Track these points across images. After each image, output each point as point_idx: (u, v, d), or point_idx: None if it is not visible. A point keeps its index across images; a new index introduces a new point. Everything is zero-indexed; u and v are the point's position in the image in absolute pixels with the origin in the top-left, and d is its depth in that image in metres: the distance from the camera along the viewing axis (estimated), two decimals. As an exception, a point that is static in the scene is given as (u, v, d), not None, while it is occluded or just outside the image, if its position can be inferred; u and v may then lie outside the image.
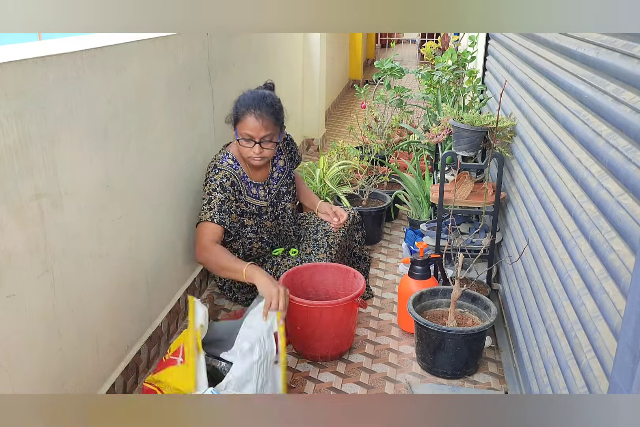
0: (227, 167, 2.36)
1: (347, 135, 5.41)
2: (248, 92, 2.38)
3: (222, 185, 2.31)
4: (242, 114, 2.31)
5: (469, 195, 2.51)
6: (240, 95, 2.38)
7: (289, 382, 2.09)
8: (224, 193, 2.31)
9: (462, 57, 3.64)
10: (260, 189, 2.46)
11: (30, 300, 1.43)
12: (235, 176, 2.36)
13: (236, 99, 2.38)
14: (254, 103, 2.30)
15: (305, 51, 4.91)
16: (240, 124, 2.31)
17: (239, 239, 2.45)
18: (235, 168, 2.38)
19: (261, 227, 2.48)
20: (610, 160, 1.31)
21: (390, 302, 2.64)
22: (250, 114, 2.29)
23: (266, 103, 2.32)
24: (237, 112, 2.33)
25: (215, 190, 2.31)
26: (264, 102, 2.32)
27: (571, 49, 1.75)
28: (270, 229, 2.51)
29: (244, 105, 2.31)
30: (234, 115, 2.35)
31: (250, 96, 2.34)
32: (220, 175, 2.33)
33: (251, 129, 2.28)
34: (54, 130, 1.49)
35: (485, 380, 2.10)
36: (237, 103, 2.35)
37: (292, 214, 2.61)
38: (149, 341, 2.10)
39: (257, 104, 2.30)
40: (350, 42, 8.34)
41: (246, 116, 2.29)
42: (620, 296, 1.16)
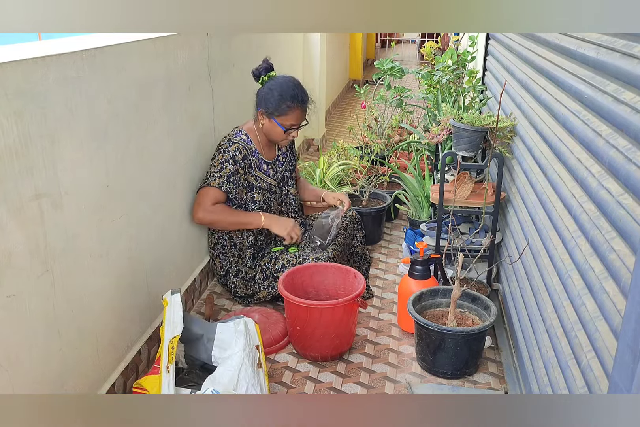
0: (240, 141, 2.47)
1: (347, 135, 5.41)
2: (279, 79, 2.46)
3: (235, 158, 2.43)
4: (288, 109, 2.41)
5: (469, 196, 2.51)
6: (273, 84, 2.43)
7: (289, 382, 2.09)
8: (234, 165, 2.43)
9: (462, 57, 3.64)
10: (270, 167, 2.59)
11: (30, 300, 1.43)
12: (247, 150, 2.48)
13: (269, 88, 2.42)
14: (299, 97, 2.42)
15: (305, 51, 4.91)
16: (287, 116, 2.42)
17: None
18: (248, 143, 2.50)
19: (269, 205, 2.59)
20: (611, 160, 1.31)
21: (390, 302, 2.64)
22: (298, 107, 2.42)
23: (305, 92, 2.45)
24: (281, 106, 2.40)
25: (228, 161, 2.42)
26: (305, 95, 2.45)
27: (571, 49, 1.75)
28: (276, 211, 2.64)
29: (290, 99, 2.40)
30: (273, 106, 2.41)
31: (291, 87, 2.42)
32: (234, 147, 2.44)
33: (298, 119, 2.45)
34: (54, 130, 1.49)
35: (485, 380, 2.10)
36: (274, 93, 2.40)
37: (295, 201, 2.76)
38: (149, 341, 2.10)
39: (302, 96, 2.43)
40: (350, 42, 8.34)
41: (294, 110, 2.42)
42: (621, 296, 1.16)
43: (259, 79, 2.49)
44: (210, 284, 2.77)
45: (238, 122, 3.10)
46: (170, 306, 1.80)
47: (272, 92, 2.41)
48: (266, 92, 2.44)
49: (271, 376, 2.12)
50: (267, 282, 2.48)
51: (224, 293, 2.68)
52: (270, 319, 2.34)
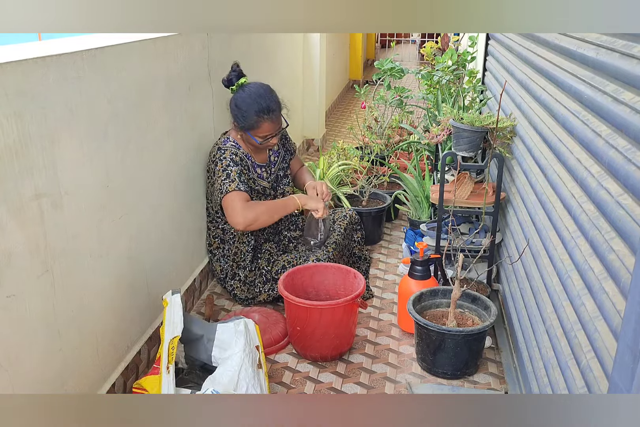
0: (230, 147, 2.42)
1: (347, 135, 5.41)
2: (243, 93, 2.36)
3: (234, 160, 2.38)
4: (258, 122, 2.32)
5: (469, 196, 2.51)
6: (238, 99, 2.36)
7: (289, 383, 2.09)
8: (237, 166, 2.37)
9: (462, 58, 3.64)
10: (263, 170, 2.55)
11: (30, 300, 1.43)
12: (239, 154, 2.43)
13: (235, 105, 2.36)
14: (265, 107, 2.32)
15: (305, 51, 4.90)
16: (259, 129, 2.35)
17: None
18: (239, 148, 2.46)
19: None
20: (610, 161, 1.31)
21: (390, 303, 2.64)
22: (267, 119, 2.33)
23: (273, 100, 2.35)
24: (250, 121, 2.33)
25: (230, 165, 2.37)
26: (272, 102, 2.34)
27: (571, 49, 1.75)
28: None
29: (257, 112, 2.31)
30: (244, 124, 2.34)
31: (256, 99, 2.33)
32: (228, 153, 2.39)
33: (270, 129, 2.36)
34: (54, 131, 1.49)
35: (485, 380, 2.10)
36: (242, 110, 2.33)
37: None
38: (149, 341, 2.10)
39: (268, 106, 2.32)
40: (350, 42, 8.34)
41: (264, 122, 2.33)
42: (620, 296, 1.16)
43: (229, 87, 2.43)
44: (210, 285, 2.77)
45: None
46: (170, 306, 1.80)
47: (239, 108, 2.35)
48: (233, 109, 2.38)
49: (271, 376, 2.12)
50: (268, 285, 2.48)
51: (224, 293, 2.68)
52: (270, 319, 2.34)
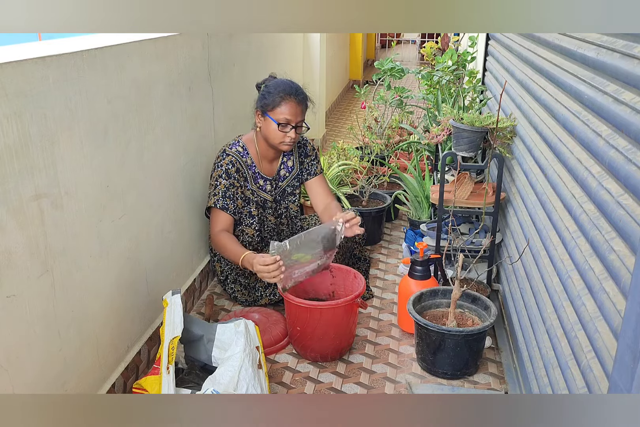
0: (234, 153, 2.42)
1: (347, 135, 5.41)
2: (277, 79, 2.43)
3: (228, 172, 2.39)
4: (280, 100, 2.34)
5: (469, 196, 2.51)
6: (268, 82, 2.41)
7: (289, 383, 2.09)
8: (228, 180, 2.38)
9: (462, 58, 3.64)
10: (267, 183, 2.53)
11: (30, 300, 1.43)
12: (241, 163, 2.42)
13: (263, 86, 2.40)
14: (292, 90, 2.36)
15: (305, 51, 4.91)
16: (278, 109, 2.33)
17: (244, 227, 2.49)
18: (243, 155, 2.44)
19: (264, 220, 2.54)
20: (611, 161, 1.31)
21: (390, 303, 2.64)
22: (291, 99, 2.34)
23: (301, 91, 2.39)
24: (273, 98, 2.34)
25: (221, 176, 2.38)
26: (300, 89, 2.39)
27: (571, 49, 1.75)
28: (273, 225, 2.57)
29: (282, 91, 2.34)
30: (266, 101, 2.35)
31: (285, 83, 2.38)
32: (227, 160, 2.40)
33: (291, 113, 2.33)
34: (54, 131, 1.49)
35: (485, 380, 2.10)
36: (269, 89, 2.36)
37: (295, 215, 2.66)
38: (149, 341, 2.10)
39: (296, 90, 2.37)
40: (350, 42, 8.34)
41: (286, 102, 2.33)
42: (621, 296, 1.16)
43: (260, 89, 2.44)
44: (210, 285, 2.77)
45: (238, 122, 3.11)
46: (170, 307, 1.80)
47: (267, 88, 2.38)
48: (262, 91, 2.41)
49: (271, 377, 2.12)
50: (269, 290, 2.48)
51: (224, 294, 2.67)
52: (270, 320, 2.34)
